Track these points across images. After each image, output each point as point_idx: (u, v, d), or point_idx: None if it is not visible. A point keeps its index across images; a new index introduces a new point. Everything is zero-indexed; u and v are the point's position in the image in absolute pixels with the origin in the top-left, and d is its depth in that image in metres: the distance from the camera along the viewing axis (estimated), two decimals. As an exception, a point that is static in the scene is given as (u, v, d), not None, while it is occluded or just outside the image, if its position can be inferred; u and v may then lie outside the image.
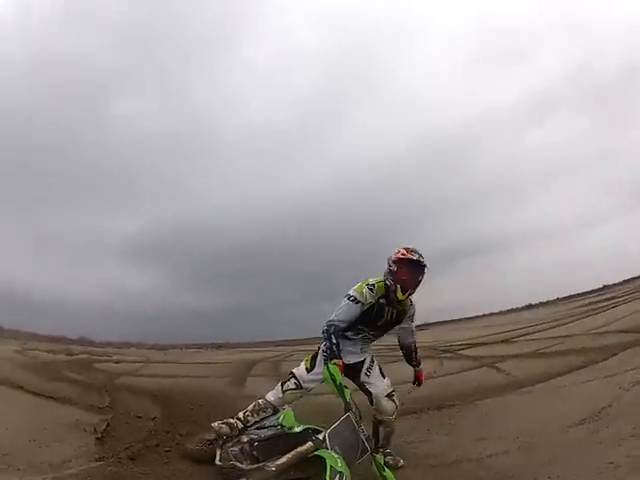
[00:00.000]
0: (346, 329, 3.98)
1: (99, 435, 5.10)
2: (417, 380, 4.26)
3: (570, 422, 4.09)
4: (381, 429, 3.98)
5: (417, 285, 3.92)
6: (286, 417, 3.92)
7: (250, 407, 4.09)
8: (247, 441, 3.73)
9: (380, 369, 4.09)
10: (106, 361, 15.10)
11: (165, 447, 4.77)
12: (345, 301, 3.93)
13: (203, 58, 55.60)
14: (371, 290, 3.92)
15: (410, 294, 3.92)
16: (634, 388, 4.62)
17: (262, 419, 4.01)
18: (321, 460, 3.09)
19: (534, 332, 13.32)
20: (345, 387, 3.53)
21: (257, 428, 3.97)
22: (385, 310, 3.98)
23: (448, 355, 11.30)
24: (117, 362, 14.69)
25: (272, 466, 3.15)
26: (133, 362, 15.15)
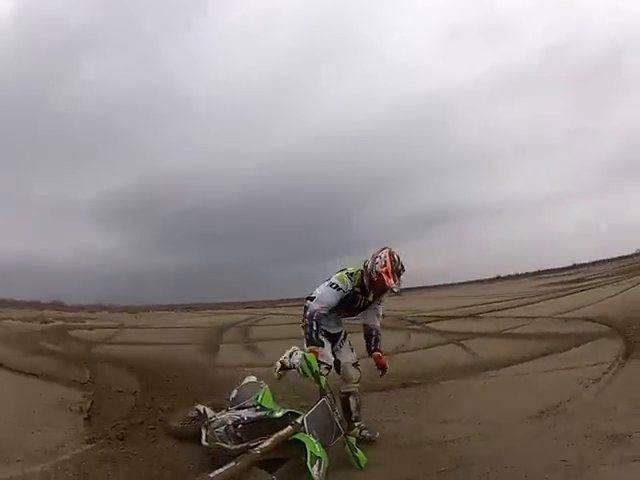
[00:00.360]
0: None
1: (85, 415, 5.27)
2: (379, 366, 4.30)
3: (529, 414, 4.34)
4: (351, 400, 4.23)
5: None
6: (264, 396, 4.18)
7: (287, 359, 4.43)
8: (232, 423, 3.93)
9: (349, 342, 4.44)
10: (80, 328, 15.31)
11: (150, 424, 4.97)
12: (328, 288, 4.23)
13: (178, 17, 53.73)
14: (349, 279, 4.25)
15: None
16: (593, 385, 4.91)
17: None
18: (300, 442, 3.36)
19: (501, 309, 13.64)
20: (321, 374, 3.83)
21: (238, 409, 4.17)
22: (359, 298, 4.32)
23: (416, 327, 11.62)
24: (91, 329, 14.93)
25: (257, 449, 3.39)
26: (106, 328, 15.41)
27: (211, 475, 3.17)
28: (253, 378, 4.80)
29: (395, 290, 4.11)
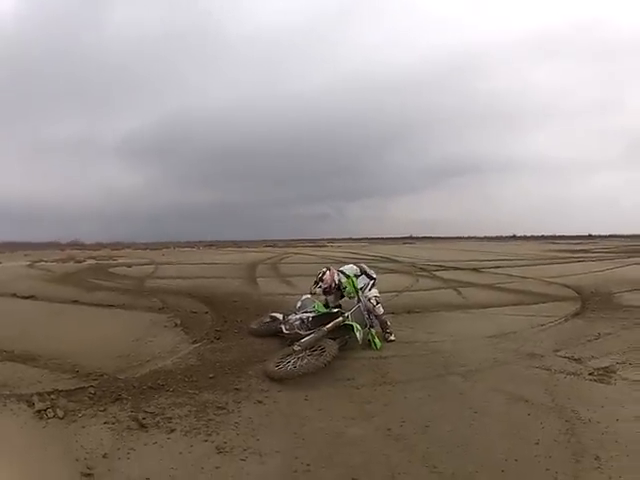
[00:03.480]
0: None
1: (181, 328, 6.82)
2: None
3: (486, 335, 6.58)
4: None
5: (333, 289, 6.46)
6: (319, 306, 6.24)
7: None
8: (305, 318, 5.95)
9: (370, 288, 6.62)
10: (117, 265, 16.51)
11: (234, 329, 6.78)
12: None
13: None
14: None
15: (334, 294, 6.48)
16: (537, 328, 6.98)
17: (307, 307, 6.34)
18: (347, 327, 5.69)
19: (502, 267, 15.56)
20: (359, 289, 6.24)
21: (304, 312, 6.13)
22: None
23: (425, 274, 13.79)
24: (129, 266, 15.91)
25: (324, 328, 5.51)
26: (143, 265, 16.49)
27: (302, 341, 5.27)
28: (308, 295, 6.60)
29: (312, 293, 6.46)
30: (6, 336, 6.23)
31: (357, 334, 5.67)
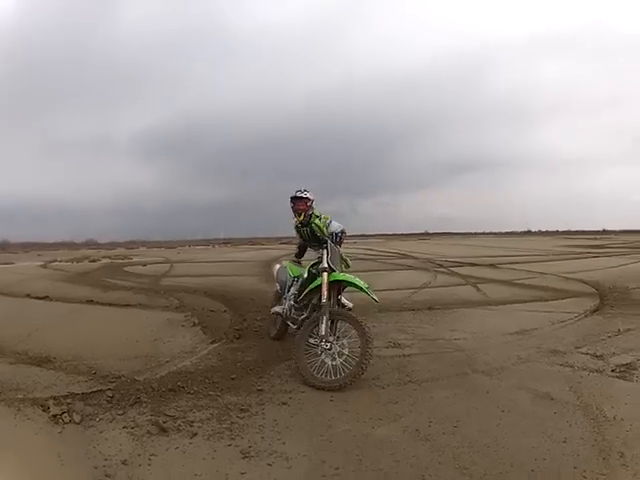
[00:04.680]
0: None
1: (199, 327, 6.76)
2: None
3: (507, 332, 6.55)
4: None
5: (305, 209, 5.64)
6: (291, 269, 5.79)
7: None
8: (293, 302, 5.47)
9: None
10: (133, 264, 16.43)
11: (254, 328, 6.69)
12: None
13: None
14: (294, 220, 5.78)
15: (305, 216, 5.67)
16: (558, 324, 6.97)
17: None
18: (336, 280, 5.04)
19: (519, 262, 15.64)
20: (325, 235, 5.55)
21: (287, 291, 5.68)
22: (301, 230, 5.82)
23: (442, 270, 13.76)
24: (144, 265, 15.87)
25: (324, 301, 4.82)
26: (158, 263, 16.43)
27: (321, 334, 4.65)
28: (277, 265, 6.27)
29: (292, 195, 5.63)
30: (20, 338, 6.22)
31: (369, 292, 4.99)
